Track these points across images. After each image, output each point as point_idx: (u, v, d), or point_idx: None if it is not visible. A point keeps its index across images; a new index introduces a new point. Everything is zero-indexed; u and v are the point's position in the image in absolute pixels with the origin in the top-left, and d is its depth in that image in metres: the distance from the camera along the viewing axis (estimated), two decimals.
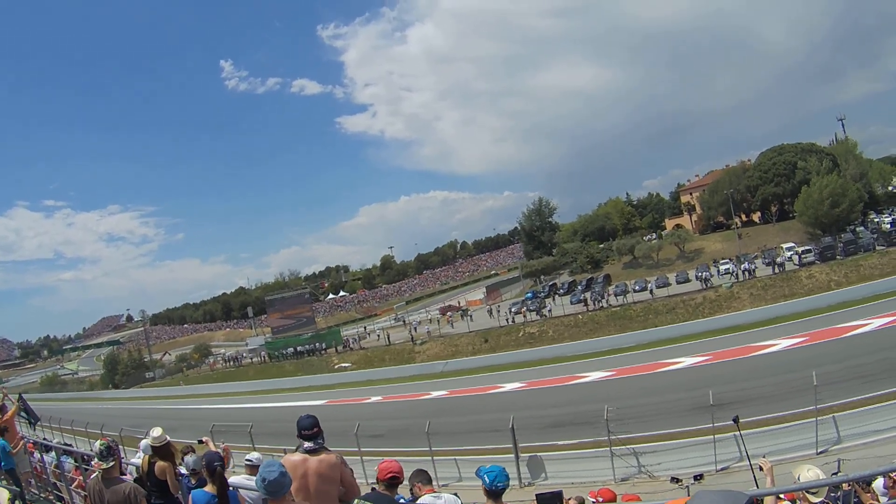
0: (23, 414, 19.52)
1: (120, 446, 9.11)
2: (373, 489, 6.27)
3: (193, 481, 7.15)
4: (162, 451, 7.90)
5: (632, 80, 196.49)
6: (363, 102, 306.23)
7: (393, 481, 5.57)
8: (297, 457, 5.52)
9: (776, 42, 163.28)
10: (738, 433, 12.98)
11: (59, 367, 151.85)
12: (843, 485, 6.74)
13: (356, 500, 5.20)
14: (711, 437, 18.20)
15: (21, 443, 11.37)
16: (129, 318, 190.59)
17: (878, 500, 7.00)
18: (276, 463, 4.67)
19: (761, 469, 6.99)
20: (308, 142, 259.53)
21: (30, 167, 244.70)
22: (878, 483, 7.32)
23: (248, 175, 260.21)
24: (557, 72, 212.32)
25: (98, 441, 6.96)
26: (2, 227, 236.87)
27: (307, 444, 5.55)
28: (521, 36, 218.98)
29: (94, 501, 6.46)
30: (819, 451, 17.35)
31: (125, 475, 9.22)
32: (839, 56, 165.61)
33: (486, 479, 5.31)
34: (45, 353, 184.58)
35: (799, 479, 5.62)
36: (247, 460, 9.50)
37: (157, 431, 8.03)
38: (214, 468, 6.33)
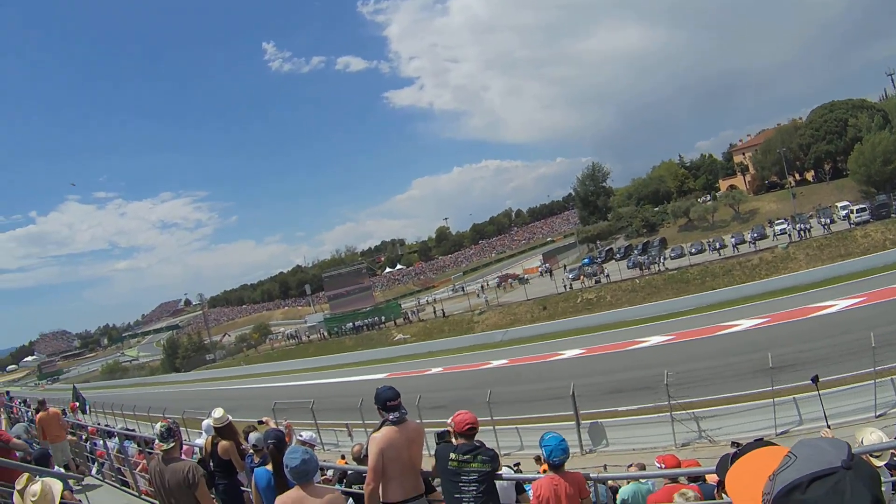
0: (78, 403, 21.91)
1: (182, 428, 9.55)
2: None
3: (257, 459, 7.37)
4: (224, 431, 8.36)
5: (676, 41, 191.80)
6: (409, 76, 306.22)
7: (471, 432, 5.71)
8: (385, 430, 5.59)
9: None
10: (817, 393, 13.03)
11: (119, 354, 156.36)
12: None
13: (452, 454, 5.58)
14: (771, 400, 18.32)
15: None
16: (188, 303, 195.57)
17: None
18: (300, 449, 4.82)
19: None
20: (357, 118, 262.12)
21: (78, 160, 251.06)
22: None
23: (298, 155, 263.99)
24: (600, 37, 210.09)
25: (159, 423, 7.04)
26: (55, 222, 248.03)
27: (393, 416, 5.62)
28: (562, 1, 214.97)
29: (155, 482, 6.64)
30: (878, 413, 17.02)
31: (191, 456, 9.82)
32: (886, 7, 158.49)
33: (544, 452, 5.77)
34: (105, 341, 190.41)
35: (862, 442, 5.76)
36: (298, 437, 10.22)
37: (218, 412, 8.42)
38: (269, 445, 6.42)
